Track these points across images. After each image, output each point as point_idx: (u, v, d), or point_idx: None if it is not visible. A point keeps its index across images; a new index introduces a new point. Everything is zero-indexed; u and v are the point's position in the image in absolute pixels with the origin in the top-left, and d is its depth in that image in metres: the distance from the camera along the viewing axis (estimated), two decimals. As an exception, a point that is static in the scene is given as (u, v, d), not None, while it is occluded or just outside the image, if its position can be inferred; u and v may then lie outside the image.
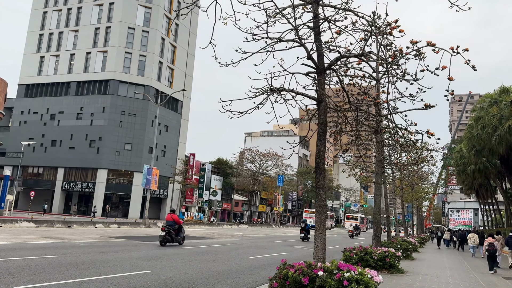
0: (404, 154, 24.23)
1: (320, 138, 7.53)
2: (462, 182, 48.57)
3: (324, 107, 7.61)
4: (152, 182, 31.68)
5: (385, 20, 10.69)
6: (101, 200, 50.18)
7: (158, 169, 53.88)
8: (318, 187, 7.37)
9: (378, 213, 13.73)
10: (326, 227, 7.45)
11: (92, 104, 52.53)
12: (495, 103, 26.29)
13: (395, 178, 27.66)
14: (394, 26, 12.28)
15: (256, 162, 72.97)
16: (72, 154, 52.18)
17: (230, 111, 6.97)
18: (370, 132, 13.94)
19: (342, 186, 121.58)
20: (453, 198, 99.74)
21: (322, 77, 7.72)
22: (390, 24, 12.31)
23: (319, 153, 7.48)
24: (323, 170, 7.41)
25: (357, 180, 20.70)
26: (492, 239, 17.02)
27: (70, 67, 55.54)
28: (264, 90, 7.39)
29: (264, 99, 7.31)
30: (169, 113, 56.65)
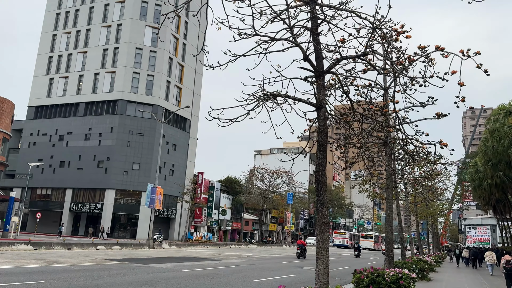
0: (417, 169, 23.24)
1: (320, 147, 6.77)
2: (478, 197, 46.92)
3: (323, 114, 6.87)
4: (156, 201, 30.95)
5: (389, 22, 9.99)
6: (109, 221, 49.57)
7: (166, 188, 53.61)
8: (319, 202, 6.58)
9: (390, 231, 12.76)
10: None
11: (100, 124, 52.51)
12: (510, 114, 25.26)
13: (409, 194, 26.59)
14: (400, 31, 11.56)
15: (266, 180, 71.98)
16: (80, 174, 51.94)
17: (218, 118, 6.28)
18: (379, 144, 13.10)
19: (354, 204, 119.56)
20: (469, 215, 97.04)
21: (321, 80, 7.01)
22: (396, 30, 11.61)
23: (319, 164, 6.72)
24: (324, 183, 6.63)
25: (367, 197, 19.74)
26: (509, 256, 16.67)
27: (79, 88, 55.86)
28: (257, 96, 6.69)
29: (256, 105, 6.60)
30: (177, 132, 56.34)
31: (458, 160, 47.99)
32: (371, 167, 20.87)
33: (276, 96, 6.81)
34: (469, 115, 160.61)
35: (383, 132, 12.46)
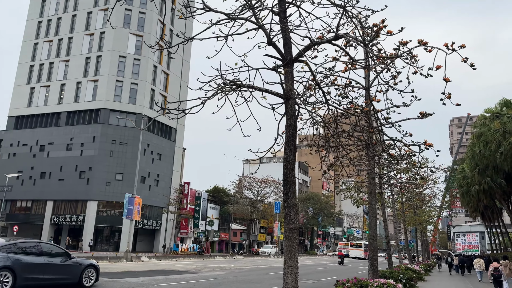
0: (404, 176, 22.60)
1: (288, 143, 5.99)
2: (466, 204, 46.54)
3: (292, 106, 6.10)
4: (134, 212, 29.81)
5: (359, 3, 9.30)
6: (91, 233, 48.06)
7: (151, 199, 52.35)
8: (287, 205, 5.77)
9: (374, 238, 11.98)
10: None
11: (82, 134, 51.22)
12: (497, 117, 24.86)
13: (395, 200, 25.96)
14: (381, 26, 10.89)
15: (254, 189, 71.03)
16: (61, 186, 50.43)
17: (168, 109, 5.47)
18: (362, 146, 12.38)
19: (344, 212, 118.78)
20: (458, 222, 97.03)
21: (289, 69, 6.25)
22: (376, 25, 10.93)
23: (287, 162, 5.92)
24: (293, 184, 5.83)
25: (353, 203, 19.04)
26: (497, 263, 17.09)
27: (61, 98, 54.60)
28: (217, 85, 5.90)
29: (213, 95, 5.81)
30: (162, 141, 55.27)
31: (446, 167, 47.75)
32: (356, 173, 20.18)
33: (239, 86, 6.02)
34: (456, 123, 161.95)
35: (365, 133, 11.76)
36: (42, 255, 12.29)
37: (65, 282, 12.66)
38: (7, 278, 10.87)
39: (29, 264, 11.64)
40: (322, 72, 12.29)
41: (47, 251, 12.70)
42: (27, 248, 12.10)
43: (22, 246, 12.01)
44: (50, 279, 12.20)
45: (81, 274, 13.20)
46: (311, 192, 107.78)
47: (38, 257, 12.06)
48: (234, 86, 5.98)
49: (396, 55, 11.52)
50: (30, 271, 11.59)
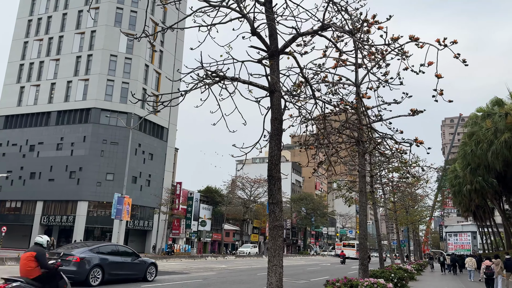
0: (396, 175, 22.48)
1: (273, 138, 5.76)
2: (458, 204, 46.70)
3: (277, 99, 5.88)
4: (124, 212, 29.41)
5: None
6: (81, 234, 47.50)
7: (142, 199, 51.90)
8: (272, 201, 5.54)
9: (364, 237, 11.79)
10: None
11: (73, 133, 50.65)
12: (489, 116, 24.85)
13: (387, 200, 25.86)
14: (372, 21, 10.72)
15: (246, 189, 70.72)
16: (51, 186, 49.82)
17: (146, 100, 5.22)
18: (351, 144, 12.19)
19: (337, 213, 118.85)
20: (450, 222, 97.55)
21: (275, 61, 6.02)
22: (367, 20, 10.75)
23: (272, 157, 5.70)
24: (278, 180, 5.60)
25: (345, 203, 18.87)
26: (489, 262, 17.53)
27: (51, 97, 53.97)
28: (199, 76, 5.66)
29: (194, 86, 5.56)
30: (154, 141, 54.83)
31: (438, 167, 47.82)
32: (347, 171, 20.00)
33: (222, 78, 5.78)
34: (448, 123, 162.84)
35: (355, 130, 11.57)
36: (119, 255, 15.33)
37: (134, 277, 15.74)
38: (98, 273, 14.04)
39: (112, 262, 14.65)
40: (312, 69, 12.10)
41: (122, 251, 15.86)
42: (109, 249, 15.20)
43: (106, 248, 15.13)
44: (125, 274, 15.35)
45: (146, 270, 16.22)
46: (304, 192, 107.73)
47: (117, 257, 15.11)
48: (217, 78, 5.75)
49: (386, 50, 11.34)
50: (112, 268, 14.59)
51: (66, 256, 13.39)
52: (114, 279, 14.69)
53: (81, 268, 13.43)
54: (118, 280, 14.88)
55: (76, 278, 12.93)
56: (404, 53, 11.35)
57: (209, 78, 5.56)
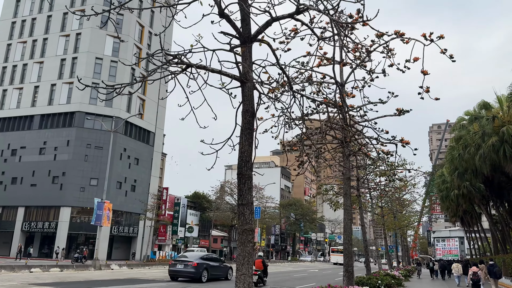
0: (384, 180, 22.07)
1: (244, 132, 5.22)
2: (446, 209, 46.56)
3: (249, 90, 5.34)
4: (104, 218, 28.50)
5: None
6: (64, 241, 46.25)
7: (127, 205, 50.86)
8: (242, 203, 4.98)
9: (348, 242, 11.26)
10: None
11: (56, 137, 49.51)
12: (476, 119, 24.66)
13: (375, 204, 25.45)
14: (356, 17, 10.27)
15: (235, 195, 69.93)
16: (33, 191, 48.54)
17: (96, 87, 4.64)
18: (336, 146, 11.70)
19: (326, 218, 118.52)
20: (437, 227, 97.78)
21: (247, 48, 5.49)
22: (352, 16, 10.29)
23: (242, 154, 5.14)
24: (249, 178, 5.05)
25: (331, 207, 18.39)
26: (476, 268, 18.04)
27: (34, 100, 52.81)
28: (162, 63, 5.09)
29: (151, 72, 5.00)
30: (140, 145, 53.91)
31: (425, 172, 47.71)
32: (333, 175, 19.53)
33: (188, 66, 5.22)
34: (435, 129, 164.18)
35: (339, 130, 11.08)
36: (214, 261, 22.47)
37: (221, 277, 22.42)
38: (205, 274, 20.51)
39: (211, 266, 21.52)
40: (295, 66, 11.56)
41: (215, 258, 23.48)
42: (209, 257, 22.47)
43: (207, 256, 22.43)
44: (218, 274, 22.06)
45: (227, 272, 23.14)
46: (293, 198, 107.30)
47: (213, 262, 22.18)
48: (184, 66, 5.19)
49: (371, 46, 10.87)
50: (212, 270, 21.33)
51: (187, 262, 20.31)
52: (213, 277, 21.40)
53: (197, 270, 20.17)
54: (214, 278, 21.53)
55: (193, 277, 20.07)
56: (390, 50, 10.94)
57: (171, 64, 5.00)
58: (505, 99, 23.50)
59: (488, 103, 24.79)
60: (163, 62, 5.02)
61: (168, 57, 5.41)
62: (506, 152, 21.73)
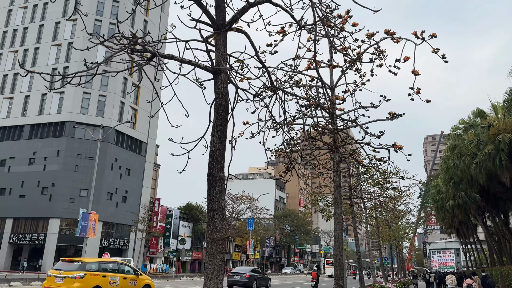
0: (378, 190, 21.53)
1: (216, 128, 4.65)
2: (441, 220, 46.03)
3: (223, 81, 4.79)
4: (89, 229, 27.66)
5: None
6: (52, 253, 45.12)
7: (118, 216, 49.88)
8: (211, 208, 4.38)
9: (339, 254, 10.64)
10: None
11: (46, 147, 48.66)
12: (471, 128, 24.27)
13: (369, 215, 24.86)
14: (345, 17, 9.79)
15: (229, 206, 69.06)
16: (22, 203, 47.49)
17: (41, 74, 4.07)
18: (326, 151, 11.15)
19: (321, 230, 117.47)
20: (433, 239, 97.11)
21: (221, 37, 4.95)
22: (341, 16, 9.82)
23: (213, 152, 4.57)
24: (220, 180, 4.46)
25: (322, 216, 17.78)
26: (470, 280, 18.38)
27: (24, 110, 52.07)
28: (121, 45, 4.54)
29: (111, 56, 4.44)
30: (132, 156, 53.11)
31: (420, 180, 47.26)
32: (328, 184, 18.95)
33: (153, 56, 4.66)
34: (429, 140, 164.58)
35: (329, 135, 10.54)
36: (258, 273, 27.70)
37: (263, 286, 27.32)
38: (255, 283, 25.71)
39: (258, 277, 26.74)
40: (283, 69, 10.99)
41: (258, 270, 29.47)
42: (256, 270, 28.25)
43: (254, 269, 28.12)
44: (262, 284, 26.93)
45: (267, 282, 28.35)
46: (287, 209, 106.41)
47: (258, 274, 27.31)
48: (149, 55, 4.64)
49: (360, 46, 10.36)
50: (259, 280, 26.35)
51: (242, 274, 25.72)
52: (259, 286, 26.31)
53: (249, 280, 25.32)
54: (259, 287, 26.36)
55: (247, 285, 25.16)
56: (381, 52, 10.46)
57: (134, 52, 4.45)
58: (500, 107, 23.16)
59: (483, 111, 24.43)
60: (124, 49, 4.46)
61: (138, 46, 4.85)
62: (502, 160, 21.31)
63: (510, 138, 21.25)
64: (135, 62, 4.75)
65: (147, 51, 4.56)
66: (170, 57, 4.71)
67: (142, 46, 4.51)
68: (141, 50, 4.54)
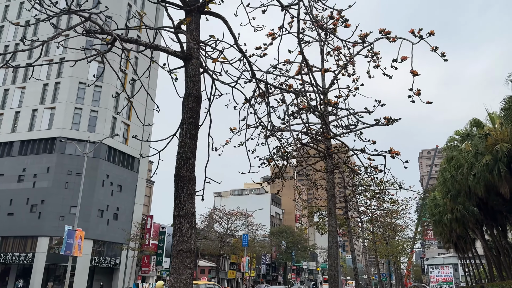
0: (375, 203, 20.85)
1: (186, 121, 4.02)
2: (439, 234, 45.19)
3: (194, 68, 4.17)
4: (75, 247, 26.64)
5: None
6: (40, 273, 43.74)
7: (109, 234, 48.65)
8: (178, 214, 3.70)
9: (334, 269, 9.91)
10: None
11: (36, 164, 47.69)
12: (468, 138, 23.82)
13: (366, 229, 24.13)
14: (337, 17, 9.32)
15: (223, 223, 67.84)
16: (10, 221, 46.23)
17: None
18: (319, 158, 10.53)
19: (318, 246, 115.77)
20: (431, 254, 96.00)
21: (194, 19, 4.36)
22: (333, 17, 9.36)
23: (182, 148, 3.92)
24: (189, 182, 3.79)
25: (317, 230, 17.04)
26: None
27: (15, 126, 51.24)
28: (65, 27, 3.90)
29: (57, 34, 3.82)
30: (123, 172, 52.17)
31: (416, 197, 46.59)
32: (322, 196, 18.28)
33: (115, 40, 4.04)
34: (425, 155, 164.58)
35: (321, 142, 9.94)
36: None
37: None
38: None
39: None
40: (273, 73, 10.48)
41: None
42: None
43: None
44: None
45: None
46: (284, 225, 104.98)
47: None
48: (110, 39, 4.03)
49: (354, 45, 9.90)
50: None
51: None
52: None
53: None
54: None
55: None
56: (375, 54, 9.94)
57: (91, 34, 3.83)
58: (497, 116, 22.77)
59: (479, 120, 24.02)
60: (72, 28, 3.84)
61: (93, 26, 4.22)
62: (501, 171, 20.77)
63: (509, 148, 20.79)
64: (95, 49, 4.13)
65: (104, 33, 3.95)
66: (134, 41, 4.11)
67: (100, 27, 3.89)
68: (97, 31, 3.93)
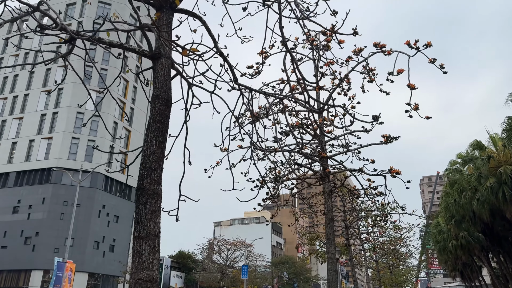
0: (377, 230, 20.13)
1: (152, 127, 3.51)
2: (444, 262, 43.87)
3: (164, 67, 3.69)
4: (65, 280, 25.52)
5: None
6: (33, 308, 42.20)
7: (105, 267, 47.28)
8: (139, 235, 3.12)
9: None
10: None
11: (31, 195, 46.90)
12: (470, 161, 23.25)
13: (368, 257, 23.20)
14: (330, 32, 8.93)
15: (223, 253, 66.18)
16: (3, 254, 44.98)
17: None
18: (316, 180, 9.94)
19: (321, 277, 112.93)
20: (436, 283, 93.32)
21: (164, 15, 3.91)
22: (325, 32, 8.98)
23: (146, 157, 3.38)
24: (154, 196, 3.23)
25: (317, 259, 16.20)
26: None
27: (11, 157, 50.76)
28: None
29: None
30: (120, 202, 51.23)
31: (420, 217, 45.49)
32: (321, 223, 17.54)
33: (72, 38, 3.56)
34: (426, 182, 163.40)
35: (317, 162, 9.38)
36: None
37: None
38: None
39: None
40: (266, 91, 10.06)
41: None
42: None
43: None
44: None
45: None
46: (285, 255, 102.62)
47: None
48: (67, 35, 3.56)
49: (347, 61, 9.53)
50: None
51: None
52: None
53: None
54: None
55: None
56: (370, 70, 9.54)
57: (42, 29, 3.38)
58: (499, 138, 22.29)
59: (481, 142, 23.51)
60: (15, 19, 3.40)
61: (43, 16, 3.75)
62: (506, 194, 20.10)
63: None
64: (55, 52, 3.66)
65: (64, 30, 3.48)
66: (96, 39, 3.64)
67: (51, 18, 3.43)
68: (51, 26, 3.47)
